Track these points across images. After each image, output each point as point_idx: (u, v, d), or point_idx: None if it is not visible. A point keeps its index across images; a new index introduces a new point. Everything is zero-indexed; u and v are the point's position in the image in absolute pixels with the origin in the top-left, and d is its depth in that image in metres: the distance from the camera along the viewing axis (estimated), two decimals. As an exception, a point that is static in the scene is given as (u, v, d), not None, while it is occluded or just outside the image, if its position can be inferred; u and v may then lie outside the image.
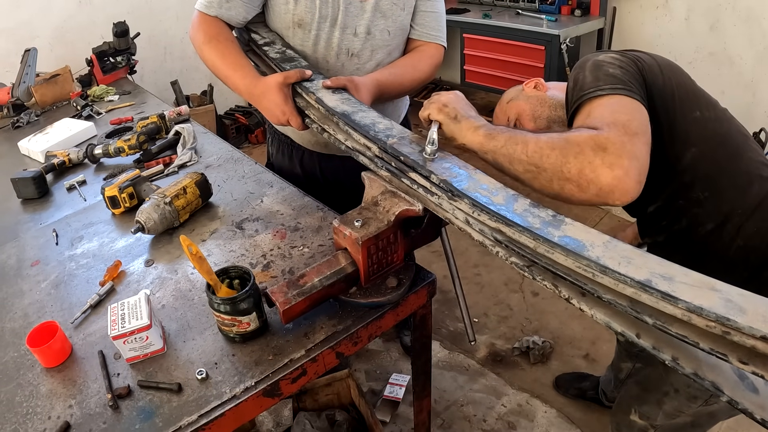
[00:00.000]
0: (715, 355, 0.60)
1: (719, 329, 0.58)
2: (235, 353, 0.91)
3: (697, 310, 0.58)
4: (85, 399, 0.88)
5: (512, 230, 0.75)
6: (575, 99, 0.90)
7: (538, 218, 0.75)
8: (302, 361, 0.88)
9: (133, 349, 0.91)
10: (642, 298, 0.63)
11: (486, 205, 0.78)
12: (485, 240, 0.80)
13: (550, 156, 0.78)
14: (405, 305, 0.99)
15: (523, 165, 0.81)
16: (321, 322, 0.94)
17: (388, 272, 0.98)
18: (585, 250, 0.68)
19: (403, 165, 0.91)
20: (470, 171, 0.87)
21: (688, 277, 0.63)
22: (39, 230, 1.40)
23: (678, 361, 0.66)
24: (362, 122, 1.02)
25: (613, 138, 0.76)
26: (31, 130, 2.03)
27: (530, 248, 0.73)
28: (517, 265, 0.77)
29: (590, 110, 0.85)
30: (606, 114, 0.82)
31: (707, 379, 0.64)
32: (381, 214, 0.93)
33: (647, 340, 0.68)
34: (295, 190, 1.37)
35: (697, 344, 0.61)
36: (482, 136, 0.87)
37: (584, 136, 0.77)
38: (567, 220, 0.75)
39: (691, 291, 0.60)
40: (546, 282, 0.75)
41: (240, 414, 0.84)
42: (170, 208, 1.24)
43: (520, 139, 0.82)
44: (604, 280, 0.66)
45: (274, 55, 1.29)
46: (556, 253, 0.70)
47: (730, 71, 2.54)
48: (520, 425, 1.84)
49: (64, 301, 1.12)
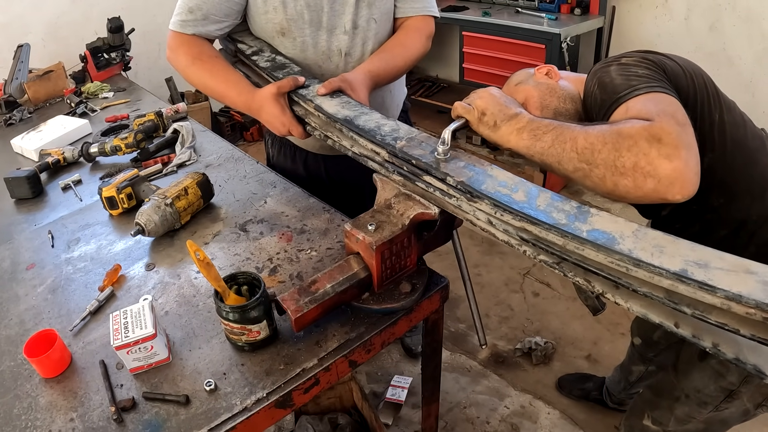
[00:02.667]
0: (757, 340, 0.59)
1: (760, 315, 0.56)
2: (244, 363, 0.87)
3: (737, 298, 0.56)
4: (87, 412, 0.84)
5: (538, 229, 0.72)
6: (611, 101, 0.84)
7: (563, 212, 0.72)
8: (315, 371, 0.84)
9: (137, 359, 0.87)
10: (679, 289, 0.61)
11: (508, 205, 0.75)
12: (511, 239, 0.76)
13: (602, 151, 0.73)
14: (418, 311, 0.96)
15: (573, 163, 0.76)
16: (333, 330, 0.90)
17: (401, 277, 0.94)
18: (616, 243, 0.66)
19: (416, 168, 0.88)
20: (486, 168, 0.83)
21: (723, 261, 0.61)
22: (34, 232, 1.34)
23: (719, 347, 0.65)
24: (367, 126, 0.98)
25: (667, 127, 0.71)
26: (24, 127, 1.96)
27: (559, 246, 0.71)
28: (547, 263, 0.74)
29: (629, 107, 0.80)
30: (651, 107, 0.76)
31: (749, 363, 0.63)
32: (395, 217, 0.90)
33: (686, 330, 0.66)
34: (299, 191, 1.32)
35: (737, 331, 0.59)
36: (527, 139, 0.81)
37: (637, 127, 0.72)
38: (593, 211, 0.72)
39: (728, 277, 0.59)
40: (578, 278, 0.72)
41: (251, 427, 0.80)
42: (171, 209, 1.19)
43: (568, 136, 0.77)
44: (638, 273, 0.64)
45: (264, 64, 1.23)
46: (587, 249, 0.67)
47: (729, 71, 2.52)
48: (524, 427, 1.81)
49: (61, 306, 1.07)
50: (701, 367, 1.09)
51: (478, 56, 3.06)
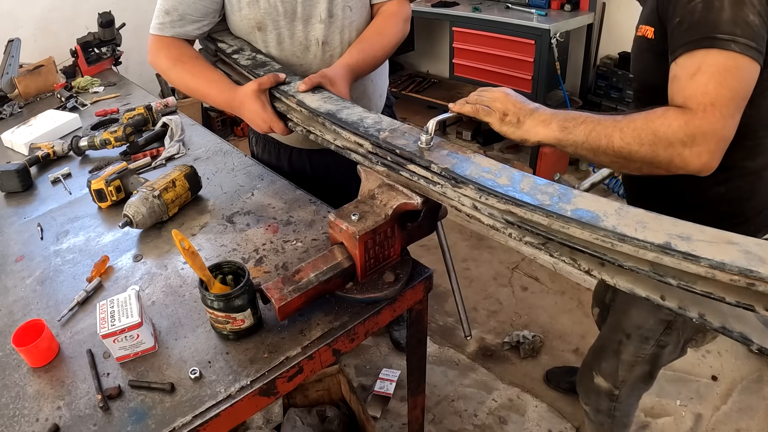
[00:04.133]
0: (742, 306, 0.61)
1: (743, 282, 0.58)
2: (229, 351, 0.88)
3: (720, 266, 0.59)
4: (74, 400, 0.85)
5: (523, 210, 0.73)
6: (699, 34, 0.76)
7: (546, 194, 0.74)
8: (298, 359, 0.86)
9: (123, 347, 0.88)
10: (664, 261, 0.63)
11: (492, 188, 0.76)
12: (496, 223, 0.78)
13: (639, 151, 0.77)
14: (401, 301, 0.97)
15: (609, 158, 0.80)
16: (317, 319, 0.92)
17: (384, 267, 0.96)
18: (600, 220, 0.68)
19: (400, 158, 0.89)
20: (470, 155, 0.85)
21: (704, 234, 0.63)
22: (23, 225, 1.35)
23: (705, 317, 0.67)
24: (349, 119, 0.99)
25: (705, 127, 0.73)
26: (14, 122, 1.96)
27: (544, 226, 0.73)
28: (533, 244, 0.76)
29: (700, 66, 0.75)
30: (711, 88, 0.74)
31: (735, 331, 0.65)
32: (378, 207, 0.91)
33: (672, 302, 0.68)
34: (286, 183, 1.34)
35: (723, 299, 0.62)
36: (557, 131, 0.83)
37: (674, 128, 0.74)
38: (575, 192, 0.74)
39: (711, 247, 0.61)
40: (564, 257, 0.74)
41: (235, 414, 0.82)
42: (159, 201, 1.20)
43: (603, 134, 0.79)
44: (623, 248, 0.66)
45: (245, 62, 1.24)
46: (572, 227, 0.69)
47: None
48: (511, 420, 1.84)
49: (50, 298, 1.08)
50: (638, 304, 1.16)
51: (468, 52, 3.07)
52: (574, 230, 0.69)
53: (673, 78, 0.80)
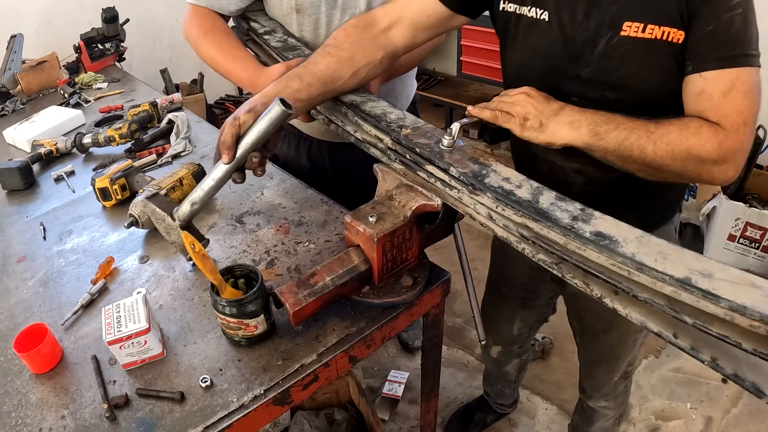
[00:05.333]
0: (759, 355, 0.57)
1: (764, 329, 0.54)
2: (241, 358, 0.84)
3: (741, 309, 0.55)
4: (78, 409, 0.81)
5: (540, 226, 0.69)
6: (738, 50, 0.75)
7: (566, 212, 0.70)
8: (314, 367, 0.82)
9: (130, 354, 0.84)
10: (681, 296, 0.59)
11: (510, 200, 0.72)
12: (510, 236, 0.74)
13: (670, 166, 0.78)
14: (419, 305, 0.93)
15: (638, 166, 0.80)
16: (332, 324, 0.88)
17: (402, 270, 0.92)
18: (619, 246, 0.64)
19: (419, 157, 0.85)
20: (491, 163, 0.80)
21: (727, 273, 0.59)
22: (25, 224, 1.31)
23: (718, 361, 0.62)
24: (373, 112, 0.95)
25: (736, 147, 0.76)
26: (16, 118, 1.91)
27: (560, 245, 0.68)
28: (545, 263, 0.71)
29: (734, 84, 0.75)
30: (745, 107, 0.76)
31: (748, 380, 0.61)
32: (396, 209, 0.87)
33: (685, 341, 0.64)
34: (296, 182, 1.29)
35: (739, 344, 0.58)
36: (587, 135, 0.79)
37: (707, 149, 0.75)
38: (596, 214, 0.70)
39: (732, 288, 0.57)
40: (576, 279, 0.70)
41: (248, 424, 0.77)
42: (167, 200, 1.15)
43: (636, 145, 0.77)
44: (640, 278, 0.62)
45: (276, 44, 1.22)
46: (588, 249, 0.65)
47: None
48: (521, 422, 1.80)
49: (53, 300, 1.04)
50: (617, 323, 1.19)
51: (476, 49, 3.02)
52: (590, 253, 0.65)
53: (701, 93, 0.78)
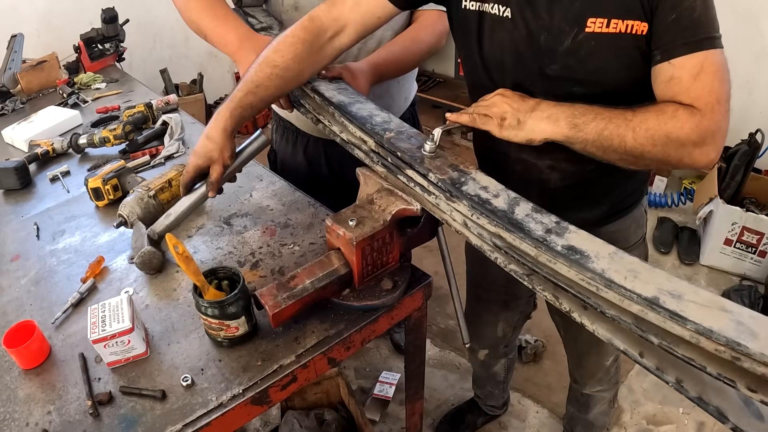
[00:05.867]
0: (723, 380, 0.57)
1: (729, 354, 0.55)
2: (222, 358, 0.87)
3: (707, 333, 0.55)
4: (64, 405, 0.84)
5: (512, 236, 0.71)
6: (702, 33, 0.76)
7: (540, 224, 0.71)
8: (292, 368, 0.84)
9: (114, 353, 0.87)
10: (648, 316, 0.59)
11: (486, 208, 0.74)
12: (483, 244, 0.76)
13: (651, 152, 0.78)
14: (400, 308, 0.95)
15: (619, 155, 0.80)
16: (312, 326, 0.90)
17: (382, 274, 0.94)
18: (590, 261, 0.65)
19: (400, 161, 0.87)
20: (471, 171, 0.82)
21: (697, 295, 0.60)
22: (20, 223, 1.34)
23: (682, 383, 0.63)
24: (359, 114, 0.97)
25: (713, 127, 0.76)
26: (16, 117, 1.95)
27: (531, 257, 0.70)
28: (517, 273, 0.73)
29: (702, 66, 0.76)
30: (717, 87, 0.76)
31: (712, 404, 0.61)
32: (376, 213, 0.89)
33: (651, 361, 0.65)
34: (285, 185, 1.32)
35: (704, 368, 0.58)
36: (566, 128, 0.80)
37: (686, 130, 0.76)
38: (571, 228, 0.71)
39: (701, 311, 0.57)
40: (546, 292, 0.71)
41: (227, 423, 0.80)
42: (154, 201, 1.18)
43: (615, 133, 0.78)
44: (608, 294, 0.63)
45: None
46: (559, 263, 0.66)
47: (726, 70, 2.51)
48: (512, 425, 1.81)
49: (44, 299, 1.07)
50: None
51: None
52: (560, 266, 0.66)
53: (671, 79, 0.79)
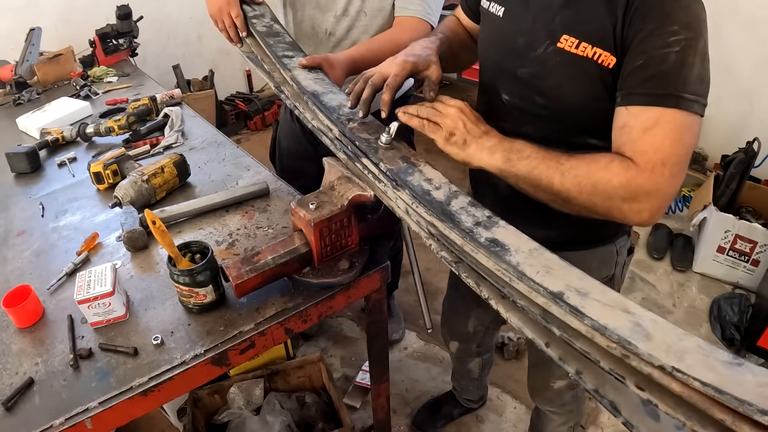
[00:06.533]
0: (614, 376, 0.61)
1: (619, 351, 0.58)
2: (190, 323, 0.98)
3: (601, 329, 0.59)
4: (50, 358, 0.96)
5: (443, 225, 0.79)
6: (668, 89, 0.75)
7: (472, 217, 0.78)
8: (251, 334, 0.95)
9: (96, 314, 0.99)
10: (552, 309, 0.64)
11: (424, 198, 0.83)
12: (421, 231, 0.85)
13: (577, 198, 0.79)
14: (357, 288, 1.06)
15: (548, 196, 0.82)
16: (273, 299, 1.01)
17: (341, 255, 1.04)
18: (508, 254, 0.70)
19: (358, 150, 0.97)
20: (420, 164, 0.92)
21: (604, 296, 0.63)
22: (28, 203, 1.48)
23: (582, 375, 0.66)
24: (329, 104, 1.06)
25: (648, 186, 0.75)
26: (31, 107, 2.12)
27: (458, 245, 0.77)
28: (446, 260, 0.81)
29: (658, 121, 0.75)
30: (666, 146, 0.75)
31: (607, 398, 0.64)
32: (336, 198, 1.00)
33: (555, 351, 0.68)
34: (269, 174, 1.43)
35: (598, 362, 0.62)
36: (500, 161, 0.84)
37: (614, 184, 0.75)
38: (501, 223, 0.77)
39: (602, 309, 0.61)
40: (470, 280, 0.77)
41: (188, 379, 0.91)
42: (147, 185, 1.31)
43: (544, 174, 0.80)
44: (519, 285, 0.68)
45: (261, 28, 1.33)
46: (480, 254, 0.73)
47: (727, 78, 2.55)
48: (489, 419, 1.89)
49: (43, 268, 1.20)
50: None
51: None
52: (481, 257, 0.72)
53: (623, 126, 0.79)
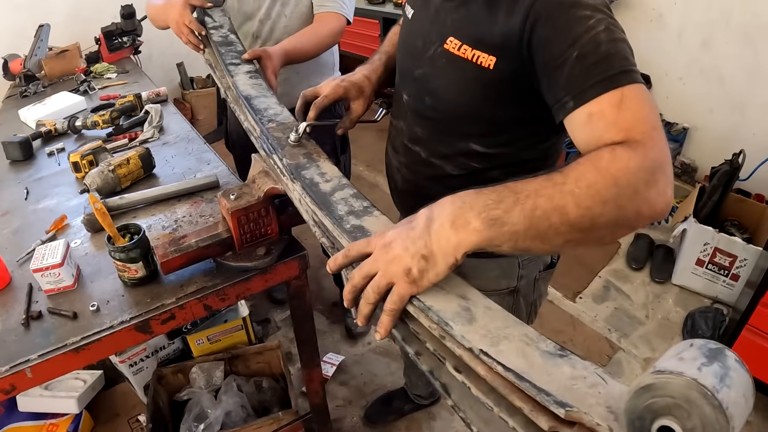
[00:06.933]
0: (437, 357, 0.63)
1: (438, 332, 0.61)
2: (124, 294, 1.19)
3: (425, 310, 0.63)
4: (8, 318, 1.18)
5: (321, 213, 0.95)
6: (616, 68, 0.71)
7: (348, 207, 0.92)
8: (171, 307, 1.14)
9: (49, 282, 1.20)
10: None
11: (311, 189, 1.00)
12: (310, 220, 1.01)
13: (603, 214, 0.62)
14: (274, 273, 1.24)
15: (563, 236, 0.63)
16: (196, 278, 1.20)
17: (262, 242, 1.23)
18: (366, 234, 0.82)
19: (271, 147, 1.14)
20: (320, 161, 1.09)
21: (447, 282, 0.66)
22: (17, 187, 1.73)
23: (420, 356, 0.68)
24: (258, 107, 1.24)
25: (660, 156, 0.65)
26: (36, 99, 2.40)
27: (330, 230, 0.91)
28: (325, 245, 0.96)
29: (623, 97, 0.69)
30: (647, 112, 0.69)
31: (440, 380, 0.65)
32: (255, 190, 1.18)
33: (399, 332, 0.71)
34: (226, 169, 1.63)
35: (424, 343, 0.64)
36: (483, 228, 0.62)
37: (633, 169, 0.63)
38: (376, 213, 0.89)
39: (437, 293, 0.65)
40: None
41: (115, 342, 1.11)
42: (113, 175, 1.53)
43: (551, 208, 0.62)
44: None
45: (217, 39, 1.54)
46: (343, 238, 0.86)
47: (720, 90, 2.61)
48: (441, 416, 2.04)
49: (17, 245, 1.43)
50: None
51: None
52: (344, 241, 0.83)
53: (591, 115, 0.71)
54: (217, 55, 1.47)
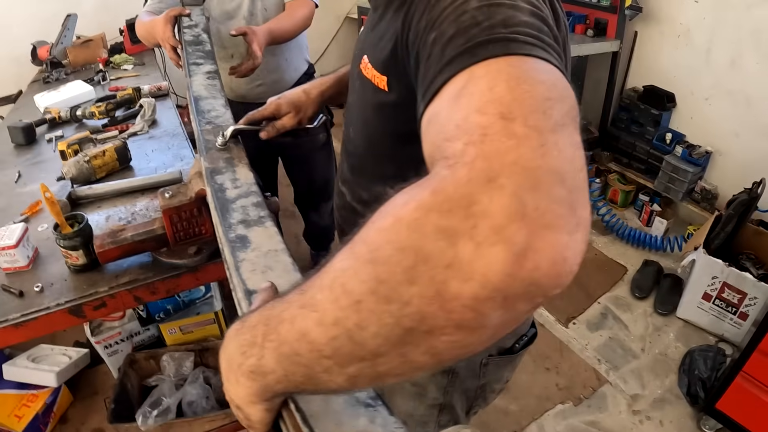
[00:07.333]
0: None
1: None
2: (67, 279, 1.33)
3: None
4: (-30, 291, 1.36)
5: (218, 218, 1.04)
6: (448, 59, 0.49)
7: (244, 215, 0.95)
8: (103, 295, 1.28)
9: (6, 261, 1.37)
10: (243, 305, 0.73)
11: (217, 194, 1.10)
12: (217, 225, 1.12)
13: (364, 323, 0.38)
14: (205, 272, 1.35)
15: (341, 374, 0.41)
16: (132, 270, 1.33)
17: (195, 241, 1.35)
18: (242, 249, 0.83)
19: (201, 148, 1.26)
20: (239, 166, 1.19)
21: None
22: (13, 170, 1.94)
23: None
24: (202, 108, 1.35)
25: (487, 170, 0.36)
26: (58, 86, 2.64)
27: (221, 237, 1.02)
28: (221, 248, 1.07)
29: (465, 84, 0.46)
30: (498, 95, 0.41)
31: None
32: (189, 190, 1.30)
33: None
34: (195, 168, 1.77)
35: None
36: (253, 384, 0.47)
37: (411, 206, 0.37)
38: (267, 224, 0.92)
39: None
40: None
41: (50, 322, 1.26)
42: (88, 165, 1.70)
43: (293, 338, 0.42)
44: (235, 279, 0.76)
45: (188, 38, 1.66)
46: (226, 248, 0.87)
47: (746, 112, 2.51)
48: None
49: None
50: (401, 392, 1.07)
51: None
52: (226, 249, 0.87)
53: (429, 121, 0.49)
54: (184, 55, 1.60)
